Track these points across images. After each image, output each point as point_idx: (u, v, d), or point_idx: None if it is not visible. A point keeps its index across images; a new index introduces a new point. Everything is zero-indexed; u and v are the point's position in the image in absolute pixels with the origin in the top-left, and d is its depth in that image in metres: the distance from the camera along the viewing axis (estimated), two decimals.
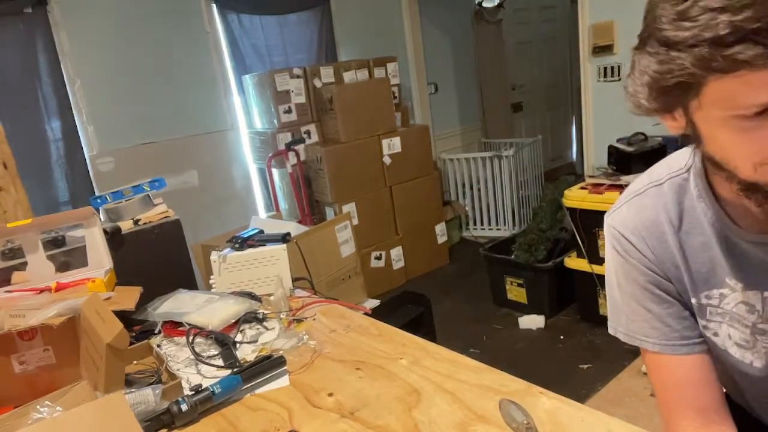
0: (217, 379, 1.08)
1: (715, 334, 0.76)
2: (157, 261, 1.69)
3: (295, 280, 1.64)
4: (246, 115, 3.81)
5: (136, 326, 1.43)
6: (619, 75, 3.13)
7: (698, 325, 0.78)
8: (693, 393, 0.77)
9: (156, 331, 1.39)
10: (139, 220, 1.72)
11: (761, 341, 0.74)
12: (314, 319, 1.40)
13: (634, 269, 0.78)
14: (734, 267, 0.73)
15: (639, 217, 0.77)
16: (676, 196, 0.75)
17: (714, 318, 0.76)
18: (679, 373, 0.77)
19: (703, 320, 0.77)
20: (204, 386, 1.05)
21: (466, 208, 4.61)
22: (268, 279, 1.57)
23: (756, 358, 0.75)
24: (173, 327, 1.39)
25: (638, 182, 0.81)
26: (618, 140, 2.79)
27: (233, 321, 1.36)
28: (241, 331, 1.35)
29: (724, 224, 0.72)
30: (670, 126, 0.65)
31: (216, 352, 1.26)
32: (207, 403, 1.03)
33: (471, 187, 4.55)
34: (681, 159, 0.77)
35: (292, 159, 3.58)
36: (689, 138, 0.66)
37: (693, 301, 0.76)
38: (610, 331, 0.84)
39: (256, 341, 1.31)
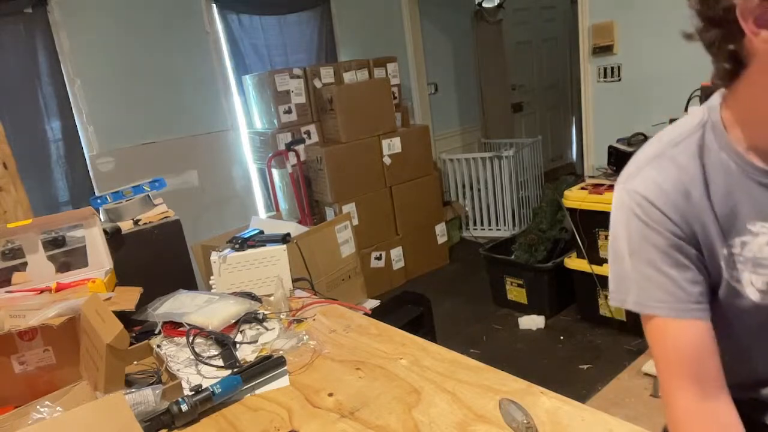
0: (217, 380, 1.08)
1: (738, 282, 0.79)
2: (157, 261, 1.69)
3: (295, 280, 1.64)
4: (246, 116, 3.81)
5: (136, 326, 1.43)
6: (619, 75, 3.13)
7: (707, 293, 0.80)
8: (696, 361, 0.78)
9: (156, 332, 1.40)
10: (139, 220, 1.72)
11: None
12: (314, 320, 1.40)
13: (654, 233, 0.78)
14: (760, 210, 0.76)
15: (663, 179, 0.78)
16: (695, 152, 0.78)
17: (739, 266, 0.78)
18: (686, 340, 0.78)
19: (731, 269, 0.78)
20: (204, 386, 1.05)
21: (466, 209, 4.61)
22: (268, 279, 1.57)
23: None
24: (173, 327, 1.39)
25: (651, 147, 0.82)
26: (618, 140, 2.79)
27: (233, 321, 1.36)
28: (241, 332, 1.35)
29: (751, 169, 0.76)
30: (761, 38, 0.67)
31: (216, 353, 1.26)
32: (207, 403, 1.03)
33: (471, 188, 4.55)
34: (692, 119, 0.81)
35: (292, 159, 3.58)
36: (732, 74, 0.73)
37: (723, 251, 0.78)
38: (615, 303, 0.84)
39: (256, 341, 1.31)
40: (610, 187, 2.68)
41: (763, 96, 0.74)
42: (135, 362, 1.31)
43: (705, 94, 2.28)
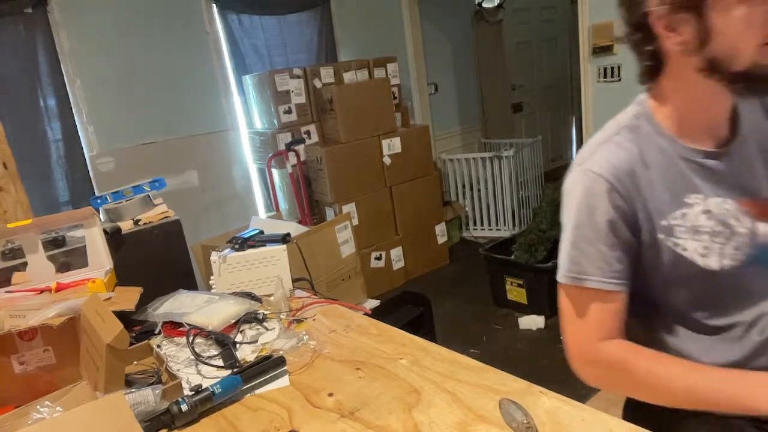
0: (217, 380, 1.07)
1: (684, 249, 0.88)
2: (157, 261, 1.69)
3: (295, 280, 1.64)
4: (246, 116, 3.81)
5: (136, 326, 1.43)
6: (619, 75, 3.13)
7: (629, 270, 0.90)
8: (611, 325, 0.90)
9: (156, 332, 1.39)
10: (139, 220, 1.72)
11: (716, 243, 0.87)
12: (314, 320, 1.40)
13: (600, 211, 0.87)
14: (693, 184, 0.88)
15: (614, 158, 0.89)
16: (634, 138, 0.90)
17: (681, 235, 0.88)
18: (608, 309, 0.90)
19: (673, 238, 0.88)
20: (204, 386, 1.05)
21: (466, 209, 4.61)
22: (268, 279, 1.57)
23: (712, 262, 0.88)
24: (173, 327, 1.39)
25: (599, 136, 0.94)
26: None
27: (233, 321, 1.36)
28: (241, 332, 1.35)
29: (683, 150, 0.89)
30: (671, 41, 0.81)
31: (216, 353, 1.26)
32: (207, 403, 1.03)
33: (471, 188, 4.55)
34: (628, 113, 0.95)
35: (292, 159, 3.58)
36: (654, 71, 0.88)
37: (663, 223, 0.88)
38: (558, 277, 0.94)
39: (256, 341, 1.31)
40: None
41: (682, 88, 0.87)
42: (135, 362, 1.31)
43: None
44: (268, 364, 1.14)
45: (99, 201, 1.80)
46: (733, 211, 0.88)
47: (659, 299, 0.94)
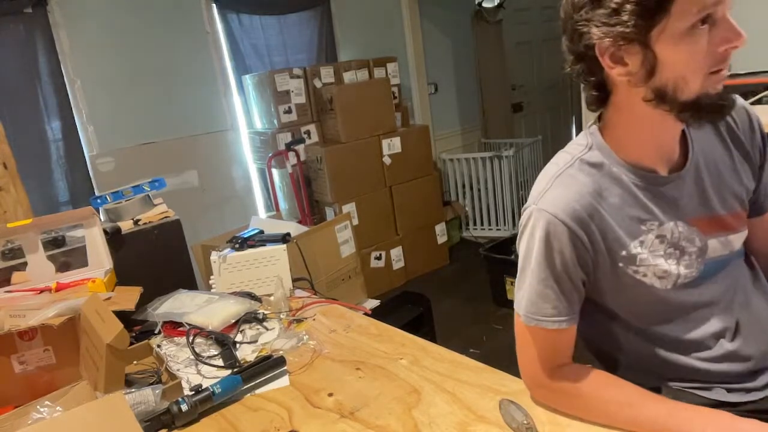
0: (217, 379, 1.08)
1: (644, 275, 0.89)
2: (157, 261, 1.69)
3: (295, 280, 1.64)
4: (246, 115, 3.81)
5: (136, 326, 1.43)
6: None
7: (579, 302, 0.92)
8: (562, 353, 0.92)
9: (156, 332, 1.40)
10: (139, 220, 1.72)
11: (670, 264, 0.89)
12: (314, 320, 1.40)
13: (559, 255, 0.87)
14: (649, 210, 0.88)
15: (573, 195, 0.87)
16: (588, 170, 0.89)
17: (642, 263, 0.89)
18: (561, 342, 0.92)
19: (633, 266, 0.89)
20: (204, 386, 1.05)
21: (466, 209, 4.61)
22: (268, 279, 1.57)
23: (668, 283, 0.89)
24: (173, 327, 1.39)
25: (551, 169, 0.92)
26: None
27: (233, 321, 1.36)
28: (241, 332, 1.35)
29: (638, 176, 0.88)
30: (616, 71, 0.80)
31: (216, 352, 1.26)
32: (207, 403, 1.03)
33: (471, 188, 4.55)
34: (578, 144, 0.93)
35: (292, 159, 3.58)
36: (600, 101, 0.88)
37: (623, 253, 0.88)
38: (515, 308, 0.94)
39: (256, 341, 1.31)
40: None
41: (630, 117, 0.86)
42: (135, 362, 1.31)
43: None
44: (268, 364, 1.14)
45: (99, 201, 1.80)
46: (685, 233, 0.90)
47: (622, 315, 0.95)
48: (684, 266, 0.90)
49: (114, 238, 1.61)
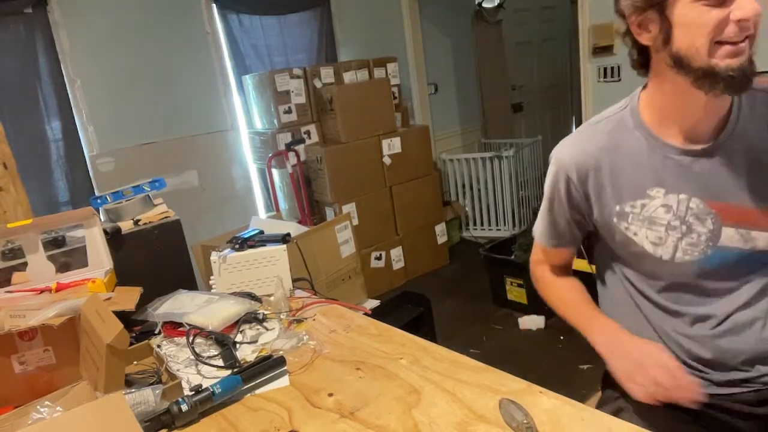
0: (217, 380, 1.08)
1: (635, 234, 0.99)
2: (157, 261, 1.69)
3: (295, 280, 1.64)
4: (246, 115, 3.81)
5: (136, 326, 1.43)
6: (619, 75, 3.13)
7: (576, 235, 1.12)
8: (549, 260, 1.21)
9: (156, 332, 1.40)
10: (139, 220, 1.72)
11: (671, 236, 0.95)
12: (314, 320, 1.40)
13: (555, 195, 1.07)
14: (660, 177, 0.95)
15: (574, 148, 1.03)
16: (612, 129, 1.00)
17: (634, 222, 0.98)
18: (548, 254, 1.20)
19: (625, 222, 1.00)
20: (204, 386, 1.05)
21: (466, 209, 4.61)
22: (268, 279, 1.57)
23: (665, 252, 0.97)
24: (173, 327, 1.39)
25: (591, 120, 1.06)
26: None
27: (233, 321, 1.36)
28: (241, 332, 1.35)
29: (657, 143, 0.95)
30: (644, 37, 0.89)
31: (216, 353, 1.26)
32: (207, 403, 1.03)
33: (471, 188, 4.55)
34: (618, 105, 1.03)
35: (292, 159, 3.58)
36: (644, 62, 0.94)
37: (616, 208, 1.00)
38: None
39: (256, 341, 1.31)
40: None
41: (660, 83, 0.93)
42: (135, 362, 1.31)
43: None
44: (268, 364, 1.14)
45: (99, 201, 1.80)
46: (697, 210, 0.93)
47: (622, 269, 1.08)
48: (687, 243, 0.94)
49: (114, 238, 1.61)
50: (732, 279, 0.96)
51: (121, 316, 1.22)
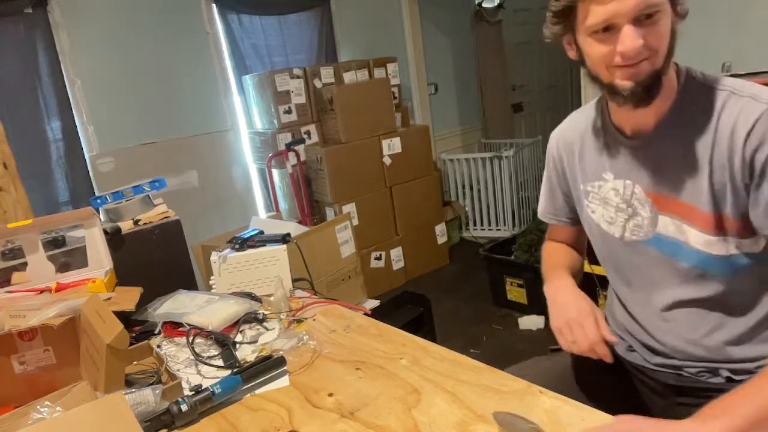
0: (217, 380, 1.08)
1: (593, 212, 1.13)
2: (157, 261, 1.69)
3: (295, 280, 1.64)
4: (246, 116, 3.81)
5: (136, 326, 1.43)
6: None
7: (568, 209, 1.24)
8: (550, 232, 1.33)
9: (156, 332, 1.40)
10: (139, 220, 1.72)
11: (620, 217, 1.07)
12: (314, 320, 1.40)
13: (550, 163, 1.23)
14: (612, 163, 1.07)
15: (566, 128, 1.20)
16: (587, 116, 1.15)
17: (593, 200, 1.12)
18: (555, 231, 1.32)
19: (586, 200, 1.14)
20: (204, 386, 1.05)
21: (466, 209, 4.61)
22: (268, 279, 1.57)
23: (615, 230, 1.09)
24: (173, 327, 1.39)
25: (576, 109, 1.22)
26: None
27: (233, 321, 1.36)
28: (241, 332, 1.35)
29: (611, 132, 1.07)
30: (571, 54, 1.01)
31: (216, 353, 1.26)
32: (207, 403, 1.03)
33: (471, 188, 4.55)
34: (597, 97, 1.14)
35: (292, 159, 3.58)
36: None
37: (581, 187, 1.14)
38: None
39: (256, 341, 1.31)
40: None
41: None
42: (135, 362, 1.31)
43: None
44: (268, 364, 1.14)
45: (99, 201, 1.80)
46: (639, 196, 1.03)
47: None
48: (634, 225, 1.06)
49: (114, 238, 1.61)
50: (680, 271, 1.02)
51: (121, 316, 1.23)
